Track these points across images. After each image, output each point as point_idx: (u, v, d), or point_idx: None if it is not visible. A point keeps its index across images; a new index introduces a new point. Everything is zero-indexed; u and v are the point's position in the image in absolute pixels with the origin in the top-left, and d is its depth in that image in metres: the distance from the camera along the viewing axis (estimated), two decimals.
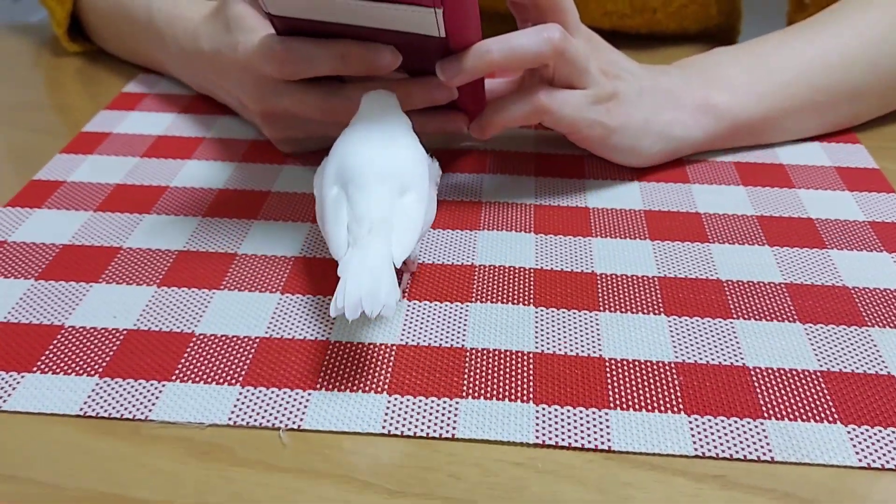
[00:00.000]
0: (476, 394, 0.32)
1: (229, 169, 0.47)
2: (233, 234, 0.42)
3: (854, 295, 0.38)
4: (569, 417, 0.31)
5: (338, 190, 0.36)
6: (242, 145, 0.50)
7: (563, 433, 0.31)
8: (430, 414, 0.32)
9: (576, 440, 0.31)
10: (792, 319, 0.36)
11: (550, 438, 0.31)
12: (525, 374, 0.33)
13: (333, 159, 0.37)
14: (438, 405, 0.32)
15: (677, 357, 0.34)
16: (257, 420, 0.31)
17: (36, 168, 0.48)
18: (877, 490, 0.29)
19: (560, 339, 0.35)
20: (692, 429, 0.31)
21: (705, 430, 0.31)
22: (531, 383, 0.33)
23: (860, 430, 0.31)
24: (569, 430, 0.31)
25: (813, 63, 0.49)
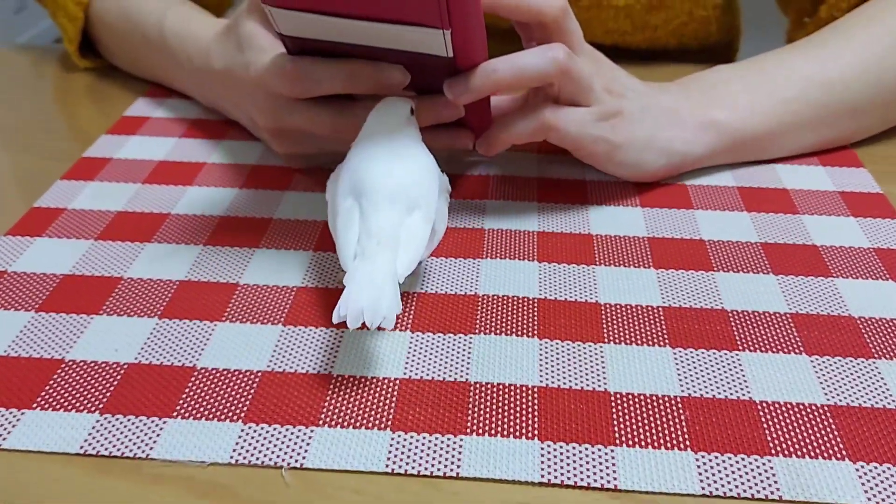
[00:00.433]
0: (480, 430, 0.32)
1: (231, 195, 0.47)
2: (235, 264, 0.41)
3: (860, 325, 0.38)
4: (574, 455, 0.31)
5: (351, 201, 0.37)
6: (244, 170, 0.50)
7: (569, 471, 0.31)
8: (435, 451, 0.31)
9: (581, 479, 0.30)
10: (798, 351, 0.36)
11: (556, 477, 0.30)
12: (529, 410, 0.33)
13: (348, 170, 0.38)
14: (443, 442, 0.32)
15: (683, 391, 0.34)
16: (259, 458, 0.31)
17: (42, 192, 0.48)
18: None
19: (564, 373, 0.35)
20: (699, 466, 0.31)
21: (712, 468, 0.31)
22: (536, 419, 0.33)
23: (869, 468, 0.31)
24: (574, 469, 0.31)
25: (814, 80, 0.49)
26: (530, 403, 0.33)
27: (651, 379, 0.35)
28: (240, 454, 0.31)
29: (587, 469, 0.31)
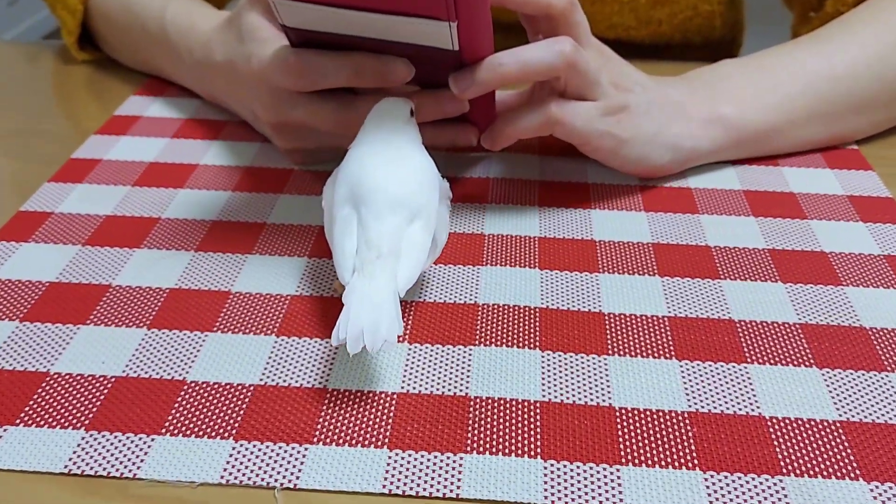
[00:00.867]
0: (481, 448, 0.31)
1: (224, 198, 0.46)
2: (227, 271, 0.40)
3: (872, 336, 0.37)
4: (579, 474, 0.30)
5: (349, 209, 0.36)
6: (238, 172, 0.49)
7: (573, 492, 0.29)
8: (433, 471, 0.30)
9: (586, 500, 0.29)
10: (808, 364, 0.35)
11: (559, 498, 0.29)
12: (532, 426, 0.32)
13: (346, 175, 0.37)
14: (442, 461, 0.30)
15: (690, 406, 0.33)
16: (251, 478, 0.30)
17: (31, 194, 0.46)
18: None
19: (568, 387, 0.34)
20: (707, 486, 0.30)
21: (722, 488, 0.30)
22: (538, 436, 0.31)
23: (884, 488, 0.30)
24: (579, 489, 0.29)
25: (820, 75, 0.49)
26: (533, 420, 0.32)
27: (657, 393, 0.33)
28: (231, 474, 0.30)
29: (592, 490, 0.29)
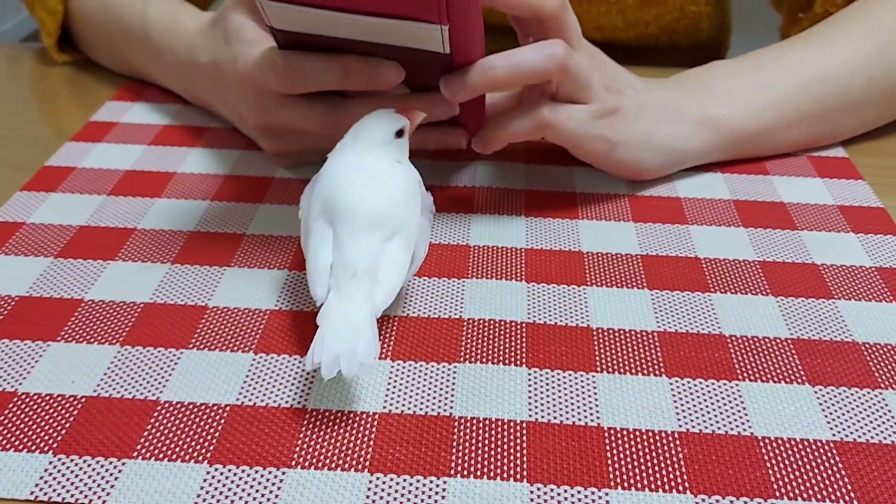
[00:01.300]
0: (465, 472, 0.30)
1: (202, 208, 0.45)
2: (204, 284, 0.39)
3: (864, 352, 0.36)
4: (566, 498, 0.29)
5: (324, 223, 0.35)
6: (216, 181, 0.47)
7: None
8: (416, 495, 0.29)
9: None
10: (800, 381, 0.34)
11: None
12: (518, 448, 0.31)
13: (321, 190, 0.36)
14: (425, 485, 0.29)
15: (681, 426, 0.32)
16: None
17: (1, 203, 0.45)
18: None
19: (555, 406, 0.33)
20: None
21: None
22: (524, 458, 0.30)
23: None
24: None
25: (810, 76, 0.49)
26: (519, 441, 0.31)
27: (647, 412, 0.33)
28: (205, 500, 0.29)
29: None
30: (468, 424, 0.32)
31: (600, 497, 0.29)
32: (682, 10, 0.69)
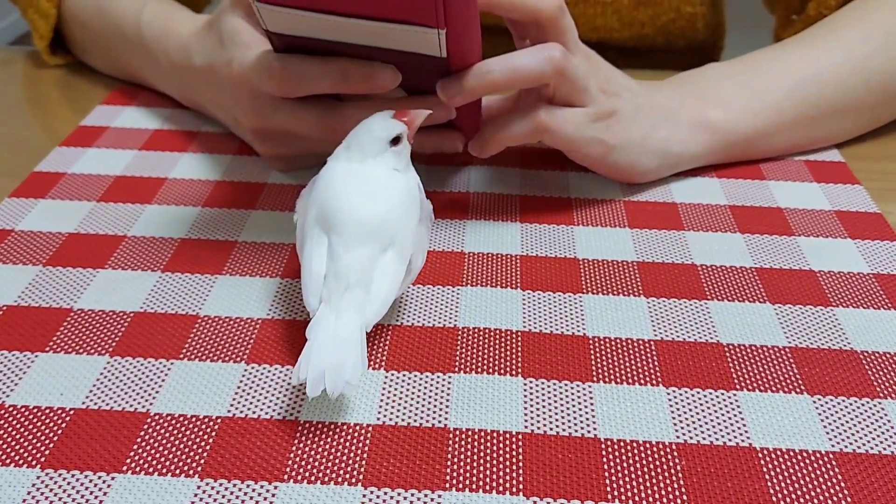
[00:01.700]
0: (460, 485, 0.29)
1: (193, 214, 0.44)
2: (195, 293, 0.38)
3: (863, 360, 0.35)
4: None
5: (320, 231, 0.34)
6: (208, 187, 0.47)
7: None
8: None
9: None
10: (799, 391, 0.34)
11: None
12: (514, 460, 0.30)
13: (318, 196, 0.35)
14: (419, 499, 0.29)
15: (679, 437, 0.32)
16: None
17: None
18: None
19: (551, 417, 0.32)
20: None
21: None
22: (521, 471, 0.30)
23: None
24: None
25: (805, 79, 0.49)
26: (515, 453, 0.31)
27: (644, 423, 0.32)
28: None
29: None
30: (463, 436, 0.31)
31: None
32: (678, 11, 0.69)
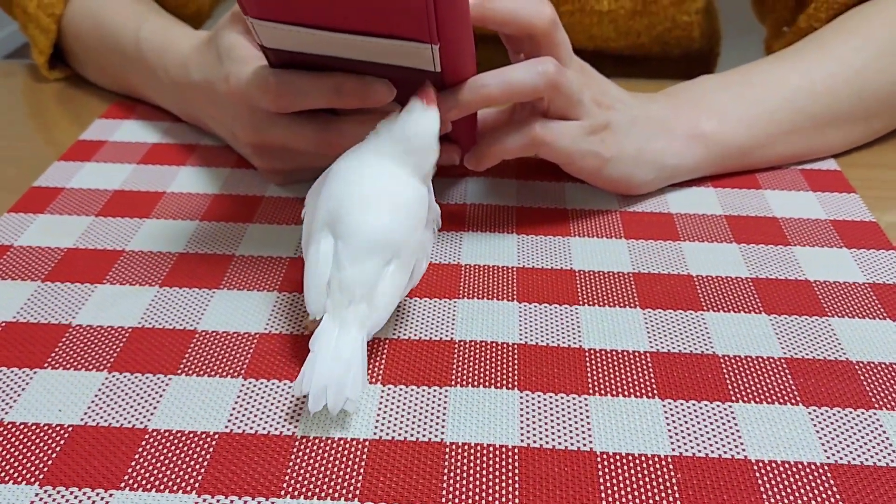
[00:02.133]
0: (457, 500, 0.30)
1: (191, 229, 0.44)
2: (192, 308, 0.39)
3: (858, 371, 0.36)
4: None
5: (327, 235, 0.35)
6: (206, 200, 0.47)
7: None
8: None
9: None
10: (794, 402, 0.34)
11: None
12: (510, 474, 0.31)
13: (328, 197, 0.35)
14: None
15: (674, 450, 0.32)
16: None
17: None
18: None
19: (547, 431, 0.32)
20: None
21: None
22: (517, 485, 0.30)
23: None
24: None
25: (798, 90, 0.50)
26: (511, 467, 0.31)
27: (640, 436, 0.32)
28: None
29: None
30: (459, 451, 0.32)
31: None
32: (674, 20, 0.69)
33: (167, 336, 0.37)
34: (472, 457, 0.31)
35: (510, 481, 0.30)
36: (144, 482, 0.30)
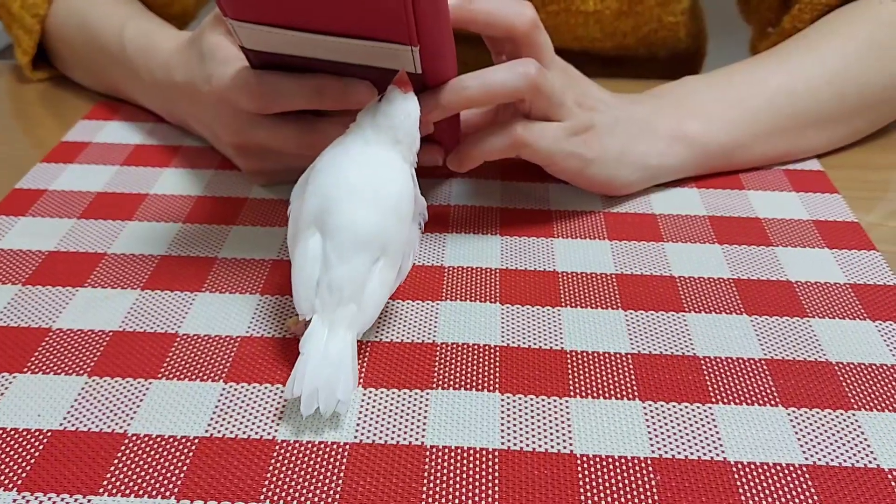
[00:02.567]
0: (437, 503, 0.30)
1: (173, 231, 0.44)
2: (174, 311, 0.38)
3: (838, 372, 0.36)
4: None
5: (314, 232, 0.34)
6: (188, 202, 0.47)
7: None
8: None
9: None
10: (774, 403, 0.34)
11: None
12: (490, 477, 0.31)
13: (314, 192, 0.35)
14: None
15: (654, 452, 0.32)
16: None
17: None
18: None
19: (528, 433, 0.32)
20: None
21: None
22: (497, 488, 0.30)
23: None
24: None
25: (780, 91, 0.50)
26: (491, 470, 0.31)
27: (620, 438, 0.32)
28: None
29: None
30: (440, 454, 0.32)
31: None
32: (660, 21, 0.69)
33: (148, 340, 0.37)
34: (453, 460, 0.31)
35: (491, 484, 0.30)
36: (124, 487, 0.30)
